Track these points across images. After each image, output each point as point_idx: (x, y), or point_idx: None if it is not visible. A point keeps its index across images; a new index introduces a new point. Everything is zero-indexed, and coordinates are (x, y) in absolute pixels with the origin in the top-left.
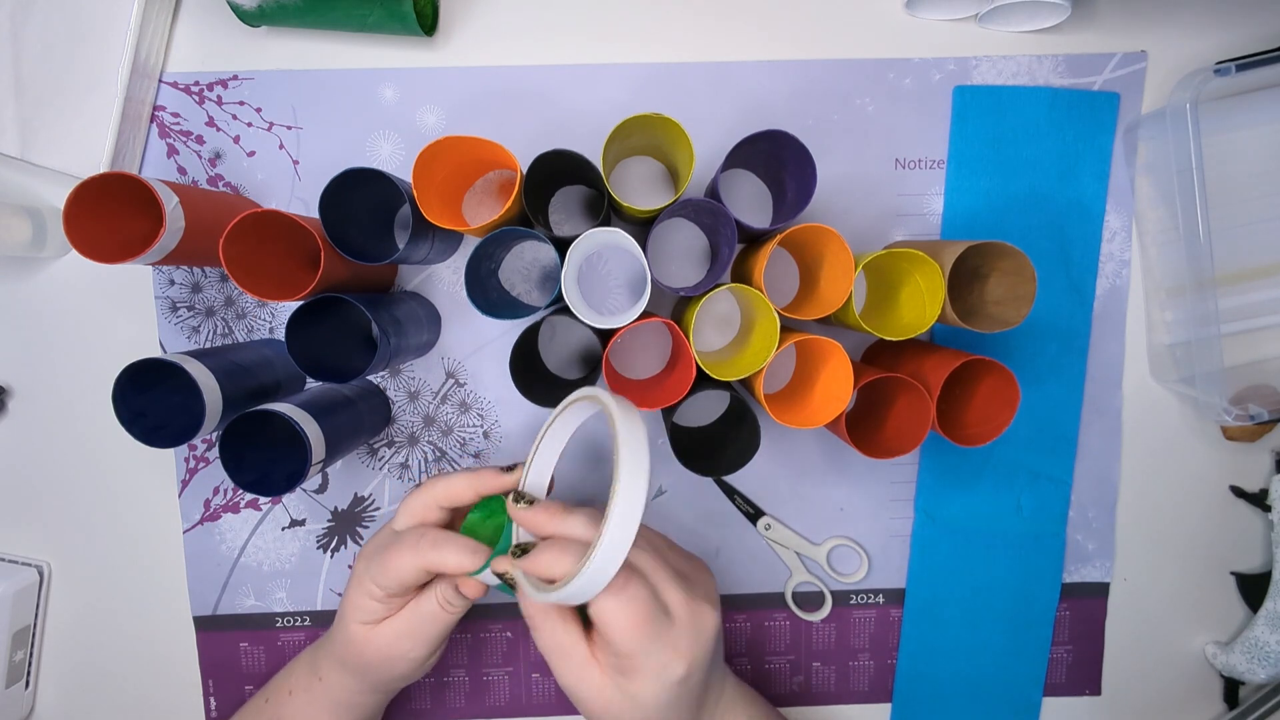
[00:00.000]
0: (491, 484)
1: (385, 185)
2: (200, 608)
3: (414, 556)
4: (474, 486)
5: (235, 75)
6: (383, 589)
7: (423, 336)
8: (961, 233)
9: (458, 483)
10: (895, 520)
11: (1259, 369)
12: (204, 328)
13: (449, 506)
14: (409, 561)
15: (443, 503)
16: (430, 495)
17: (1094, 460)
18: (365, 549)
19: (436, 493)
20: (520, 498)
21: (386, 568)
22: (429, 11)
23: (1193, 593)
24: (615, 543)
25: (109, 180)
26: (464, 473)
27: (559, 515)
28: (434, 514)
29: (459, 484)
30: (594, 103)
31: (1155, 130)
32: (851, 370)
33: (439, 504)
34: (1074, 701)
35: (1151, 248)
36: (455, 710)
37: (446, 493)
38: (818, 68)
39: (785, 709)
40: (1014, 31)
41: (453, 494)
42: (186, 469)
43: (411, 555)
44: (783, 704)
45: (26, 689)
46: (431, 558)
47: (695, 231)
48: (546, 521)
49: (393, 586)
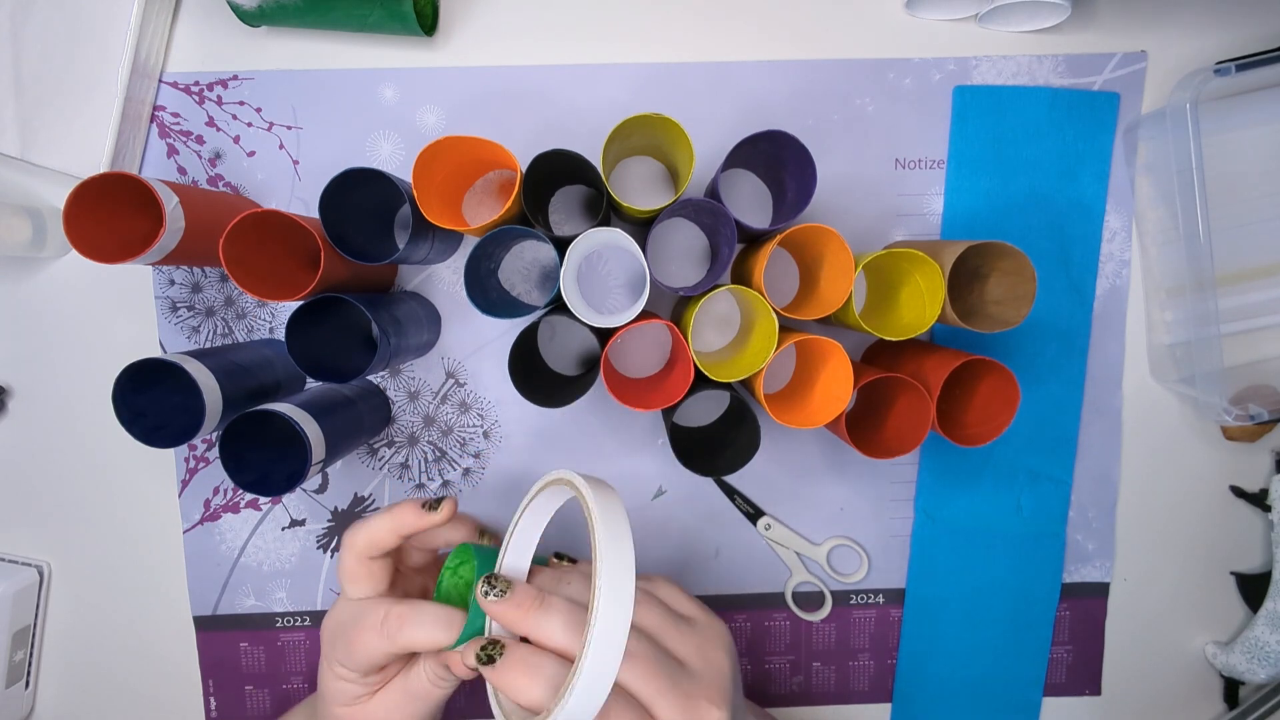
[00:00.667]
0: (411, 524)
1: (385, 185)
2: (200, 608)
3: (381, 640)
4: (395, 530)
5: (235, 75)
6: (356, 672)
7: (423, 336)
8: (961, 233)
9: (376, 528)
10: (895, 520)
11: (1259, 369)
12: (204, 328)
13: (380, 555)
14: (376, 646)
15: (370, 554)
16: (354, 551)
17: (1094, 460)
18: (325, 625)
19: (359, 546)
20: (492, 584)
21: (353, 652)
22: (429, 11)
23: (1193, 593)
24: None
25: (109, 180)
26: (381, 515)
27: (532, 611)
28: (376, 568)
29: (377, 530)
30: (594, 103)
31: (1155, 130)
32: (851, 370)
33: (369, 556)
34: (1074, 701)
35: (1151, 248)
36: (455, 710)
37: (368, 543)
38: (818, 68)
39: (785, 709)
40: (1014, 31)
41: (374, 542)
42: (186, 469)
43: (378, 639)
44: (783, 704)
45: (26, 689)
46: (401, 641)
47: (695, 231)
48: (519, 620)
49: (364, 668)
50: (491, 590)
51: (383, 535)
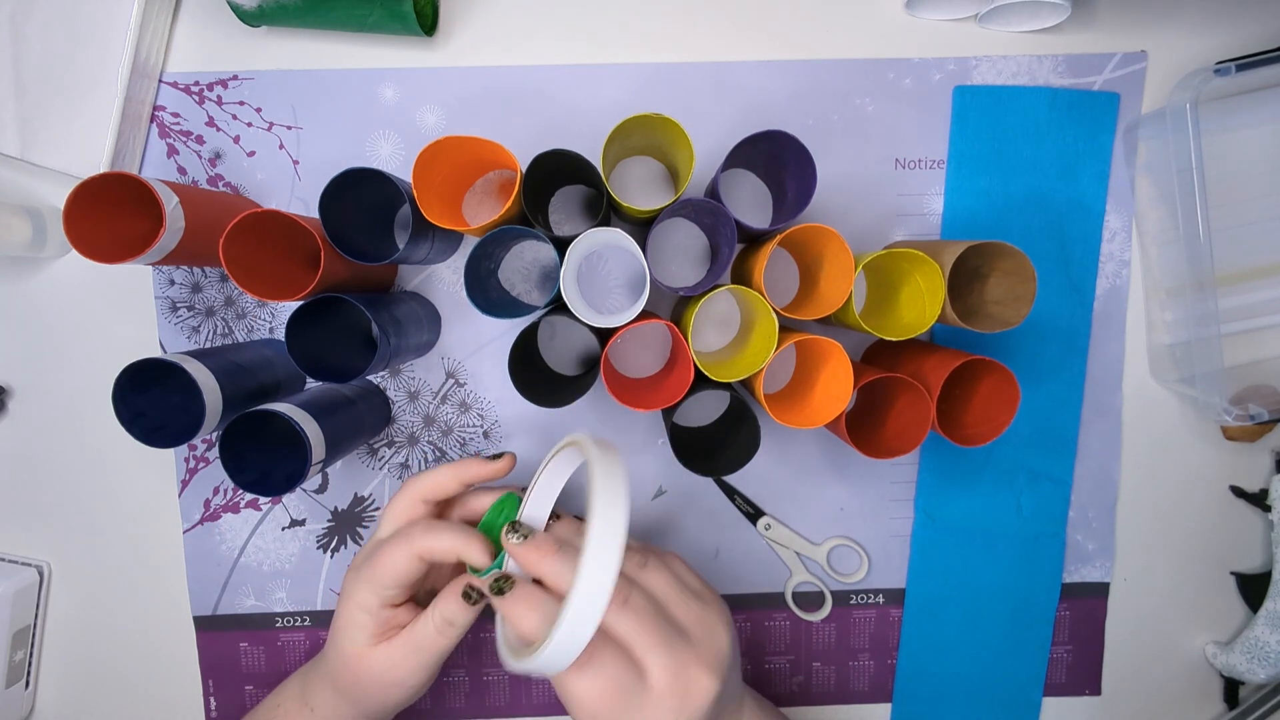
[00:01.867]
0: (476, 473)
1: (385, 185)
2: (200, 608)
3: (405, 544)
4: (458, 477)
5: (235, 75)
6: (378, 593)
7: (423, 336)
8: (961, 233)
9: (441, 475)
10: (895, 520)
11: (1259, 369)
12: (204, 328)
13: (435, 500)
14: (400, 550)
15: (428, 497)
16: (414, 492)
17: (1094, 460)
18: (354, 563)
19: (423, 488)
20: (515, 529)
21: (378, 565)
22: (429, 11)
23: (1193, 593)
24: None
25: (109, 180)
26: (447, 465)
27: (547, 556)
28: (420, 511)
29: (443, 476)
30: (594, 103)
31: (1155, 130)
32: (851, 370)
33: (424, 499)
34: (1074, 701)
35: (1151, 248)
36: (455, 710)
37: (432, 486)
38: (818, 68)
39: (785, 709)
40: (1014, 31)
41: (439, 486)
42: (186, 469)
43: (402, 543)
44: (783, 704)
45: (26, 689)
46: (423, 543)
47: (695, 231)
48: (535, 562)
49: (388, 584)
50: (514, 534)
51: (446, 480)
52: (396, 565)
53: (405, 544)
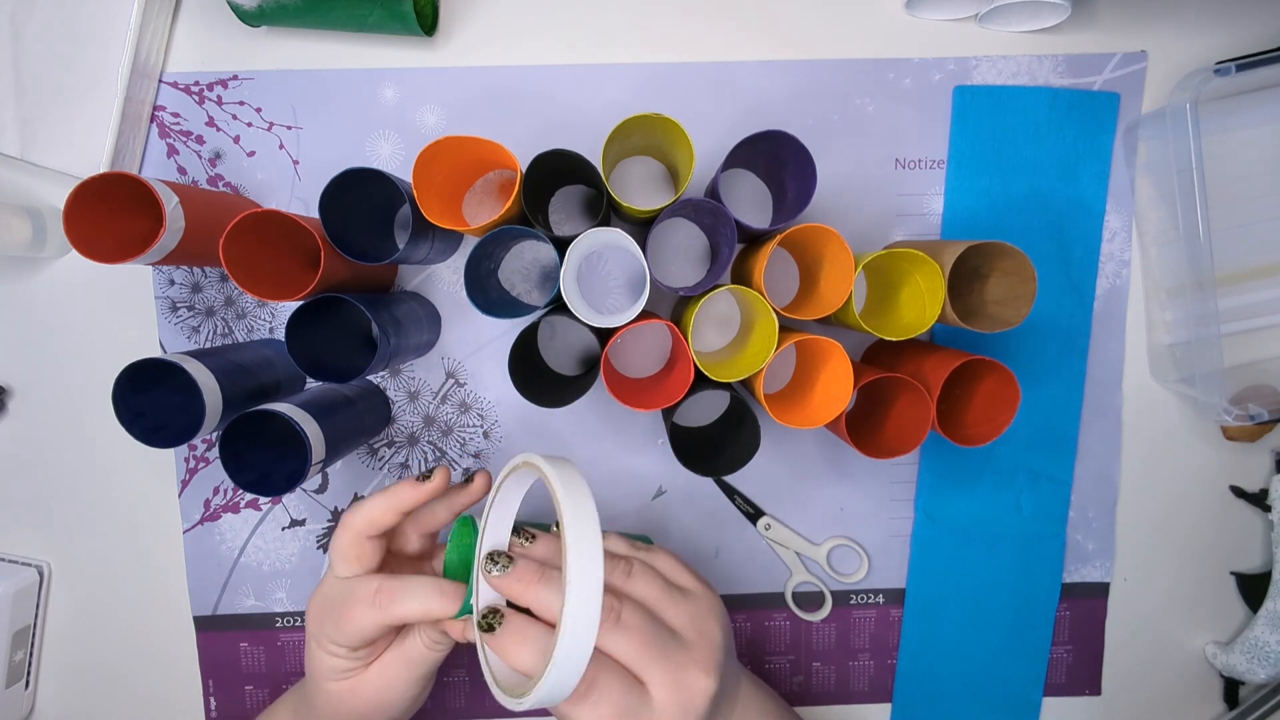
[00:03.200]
0: (411, 498)
1: (385, 185)
2: (200, 608)
3: (373, 613)
4: (393, 508)
5: (235, 75)
6: (346, 647)
7: (423, 336)
8: (961, 233)
9: (375, 506)
10: (895, 520)
11: (1259, 369)
12: (204, 328)
13: (378, 535)
14: (369, 618)
15: (368, 533)
16: (352, 531)
17: (1094, 460)
18: (312, 604)
19: (358, 525)
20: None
21: (343, 627)
22: (429, 11)
23: (1193, 593)
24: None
25: (109, 180)
26: (379, 494)
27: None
28: (368, 549)
29: (376, 509)
30: (594, 103)
31: (1155, 130)
32: (851, 370)
33: (366, 535)
34: (1074, 701)
35: (1151, 248)
36: (455, 710)
37: (367, 522)
38: (818, 68)
39: None
40: (1014, 31)
41: (373, 521)
42: (186, 469)
43: (370, 611)
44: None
45: (26, 689)
46: (395, 613)
47: (695, 231)
48: (522, 592)
49: (356, 644)
50: (494, 566)
51: (380, 513)
52: (364, 629)
53: (373, 612)
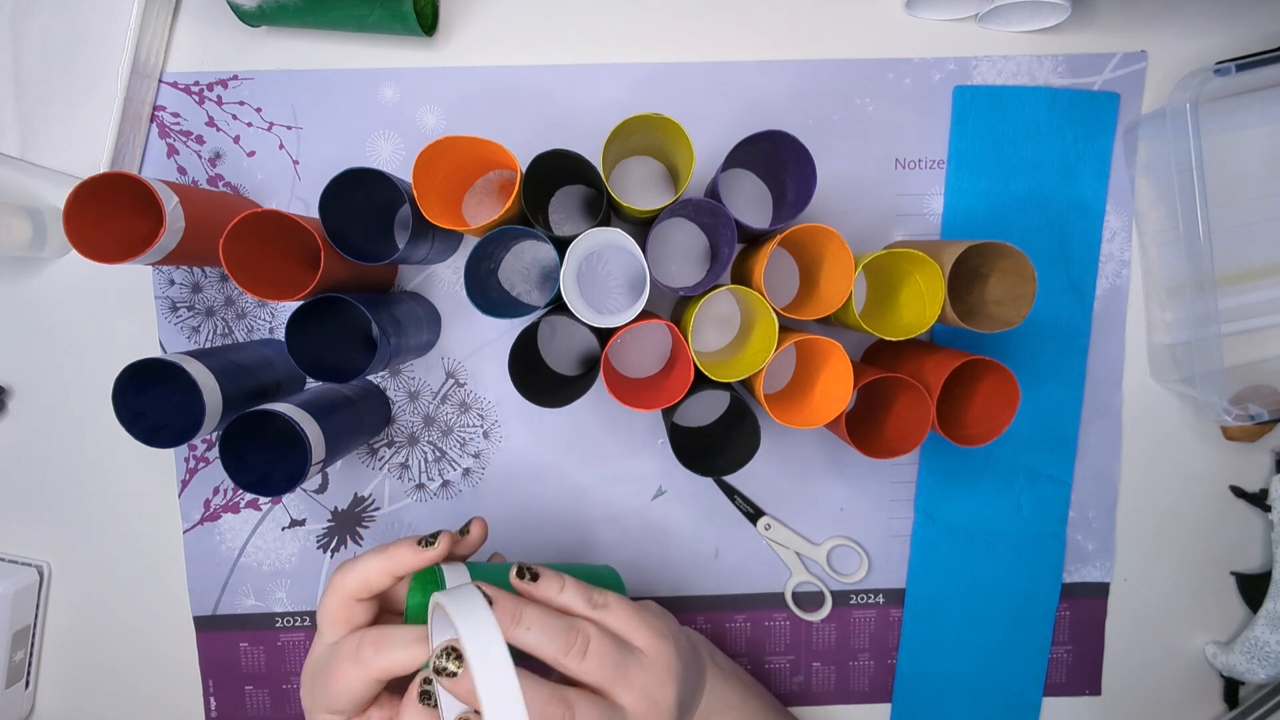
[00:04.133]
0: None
1: (385, 185)
2: (200, 608)
3: (357, 669)
4: (388, 570)
5: (235, 75)
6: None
7: (423, 336)
8: (961, 233)
9: (369, 568)
10: (895, 520)
11: (1259, 369)
12: (204, 328)
13: (370, 597)
14: (354, 676)
15: (360, 595)
16: (343, 593)
17: (1094, 460)
18: (304, 675)
19: (350, 587)
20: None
21: (331, 689)
22: (429, 11)
23: (1193, 593)
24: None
25: (109, 180)
26: (374, 554)
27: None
28: (359, 611)
29: (371, 569)
30: (594, 103)
31: (1155, 130)
32: (851, 370)
33: (357, 598)
34: (1074, 701)
35: (1151, 248)
36: None
37: (360, 584)
38: (818, 68)
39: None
40: (1014, 31)
41: (367, 583)
42: (186, 469)
43: (354, 668)
44: (783, 704)
45: (26, 689)
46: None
47: (695, 231)
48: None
49: (347, 708)
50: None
51: (375, 576)
52: (351, 689)
53: (356, 667)
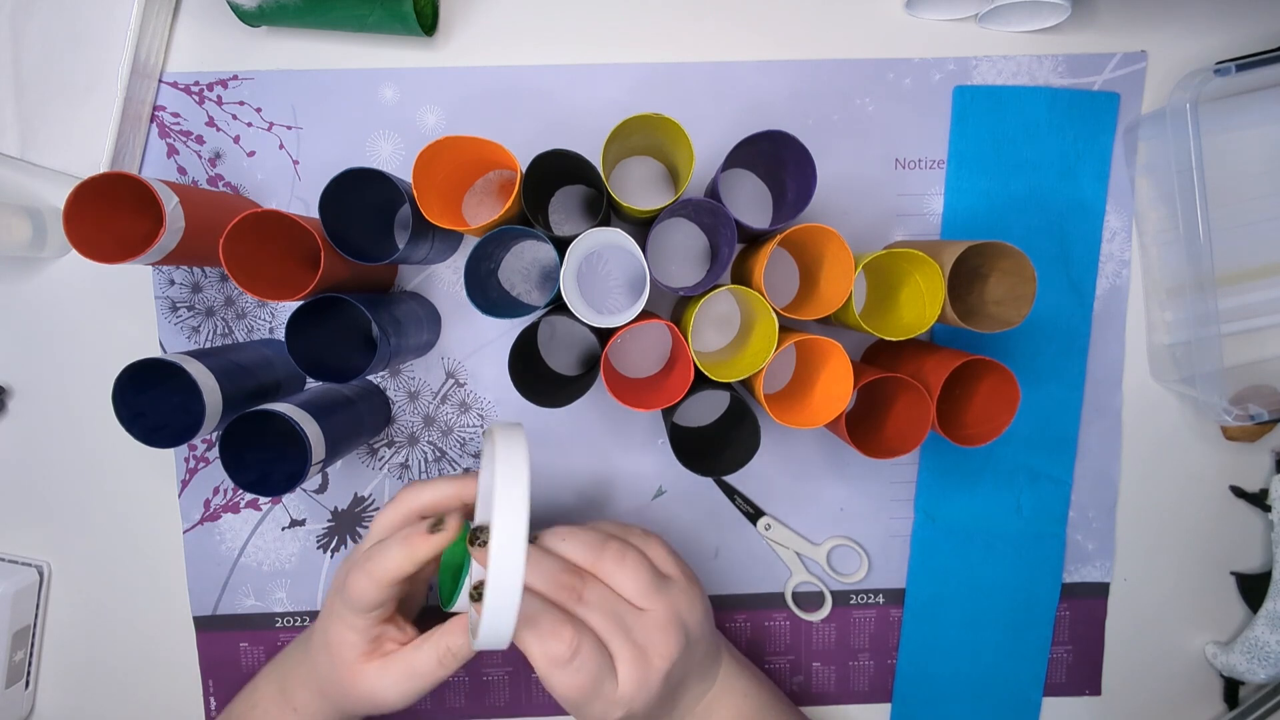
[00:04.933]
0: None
1: (385, 185)
2: (200, 608)
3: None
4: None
5: (235, 75)
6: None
7: (423, 336)
8: (961, 233)
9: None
10: (895, 520)
11: (1259, 369)
12: (204, 328)
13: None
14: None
15: (425, 513)
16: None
17: (1094, 460)
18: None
19: (423, 500)
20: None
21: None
22: (429, 11)
23: (1193, 593)
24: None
25: (109, 180)
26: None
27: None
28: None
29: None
30: (594, 103)
31: (1155, 130)
32: (851, 370)
33: (419, 515)
34: (1074, 701)
35: (1151, 248)
36: (455, 710)
37: (433, 501)
38: (818, 68)
39: None
40: (1014, 31)
41: (438, 502)
42: (186, 469)
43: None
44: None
45: (26, 689)
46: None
47: (695, 231)
48: None
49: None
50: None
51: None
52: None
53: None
